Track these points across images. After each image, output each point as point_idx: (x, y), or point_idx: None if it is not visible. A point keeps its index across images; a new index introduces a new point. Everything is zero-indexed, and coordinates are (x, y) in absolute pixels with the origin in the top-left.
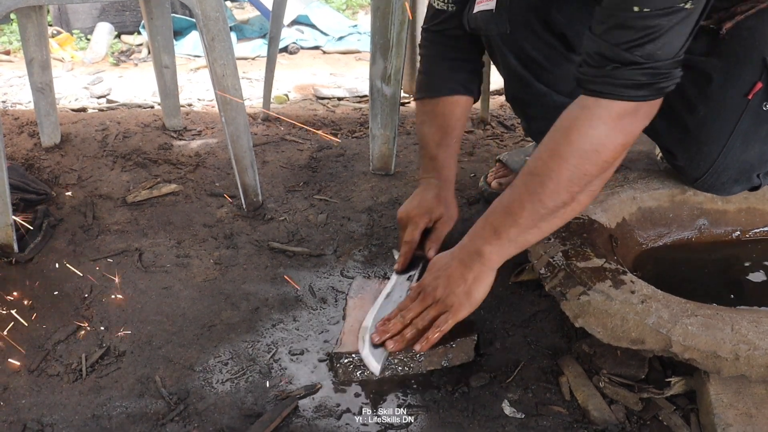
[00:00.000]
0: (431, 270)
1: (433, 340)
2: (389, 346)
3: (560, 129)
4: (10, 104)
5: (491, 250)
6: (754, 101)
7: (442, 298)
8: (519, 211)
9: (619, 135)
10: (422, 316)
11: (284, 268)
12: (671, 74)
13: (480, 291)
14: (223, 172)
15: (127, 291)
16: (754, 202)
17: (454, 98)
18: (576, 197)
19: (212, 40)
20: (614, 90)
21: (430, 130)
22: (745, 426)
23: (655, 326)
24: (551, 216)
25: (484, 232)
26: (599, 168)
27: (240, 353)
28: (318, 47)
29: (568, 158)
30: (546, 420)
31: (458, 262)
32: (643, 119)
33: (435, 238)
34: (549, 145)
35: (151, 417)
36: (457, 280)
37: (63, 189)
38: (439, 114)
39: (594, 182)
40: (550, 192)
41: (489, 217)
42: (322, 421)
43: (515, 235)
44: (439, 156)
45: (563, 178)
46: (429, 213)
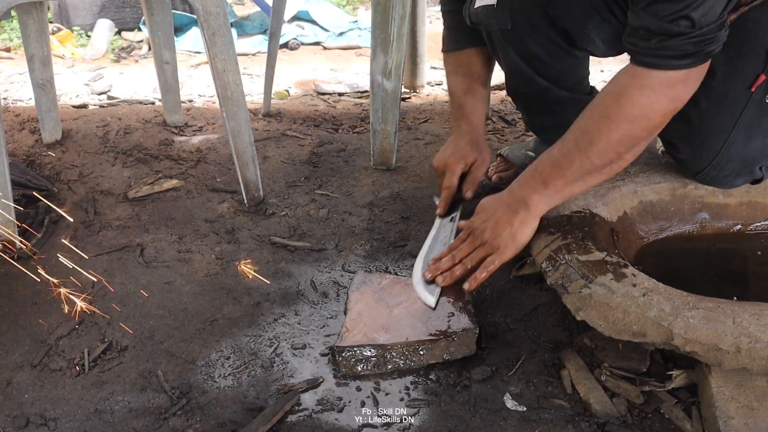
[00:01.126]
0: (480, 213)
1: (481, 279)
2: (440, 281)
3: (611, 93)
4: (11, 101)
5: (538, 198)
6: (757, 94)
7: (490, 240)
8: (567, 164)
9: (670, 102)
10: (471, 256)
11: (286, 263)
12: (717, 37)
13: (525, 235)
14: (224, 168)
15: (129, 286)
16: (755, 196)
17: (476, 49)
18: (622, 156)
19: (213, 36)
20: (664, 62)
21: (456, 79)
22: (747, 419)
23: (657, 319)
24: (597, 171)
25: (532, 181)
26: (648, 132)
27: (242, 347)
28: (318, 43)
29: (619, 122)
30: (548, 413)
31: (506, 206)
32: (693, 84)
33: (471, 180)
34: (600, 107)
35: (153, 411)
36: (504, 223)
37: (64, 185)
38: (464, 63)
39: (641, 144)
40: (599, 150)
41: (538, 168)
42: (324, 414)
43: (562, 186)
44: (467, 102)
45: (612, 140)
46: (464, 158)
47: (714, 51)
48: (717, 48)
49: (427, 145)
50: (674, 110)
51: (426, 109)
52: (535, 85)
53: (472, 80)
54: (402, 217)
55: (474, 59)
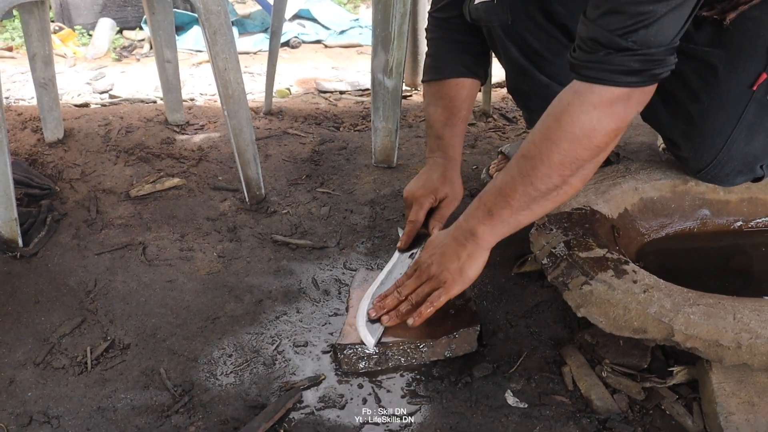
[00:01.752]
0: (428, 248)
1: (426, 315)
2: (385, 320)
3: (552, 114)
4: (13, 100)
5: (484, 230)
6: (759, 92)
7: (437, 275)
8: (511, 193)
9: (612, 121)
10: (417, 291)
11: (287, 261)
12: (665, 61)
13: (473, 269)
14: (225, 166)
15: (131, 284)
16: (756, 192)
17: (459, 80)
18: (567, 180)
19: (214, 35)
20: (607, 76)
21: (436, 111)
22: (748, 414)
23: (657, 315)
24: (543, 198)
25: (478, 212)
26: (591, 153)
27: (244, 345)
28: (320, 41)
29: (560, 143)
30: (549, 410)
31: (453, 240)
32: (635, 105)
33: (439, 217)
34: (541, 130)
35: (156, 409)
36: (451, 257)
37: (66, 184)
38: (445, 96)
39: (586, 166)
40: (542, 175)
41: (483, 198)
42: (326, 412)
43: (507, 216)
44: (445, 135)
45: (554, 162)
46: (434, 192)
47: (661, 75)
48: (664, 73)
49: None
50: (617, 130)
51: None
52: (536, 81)
53: (452, 114)
54: (403, 215)
55: (456, 92)
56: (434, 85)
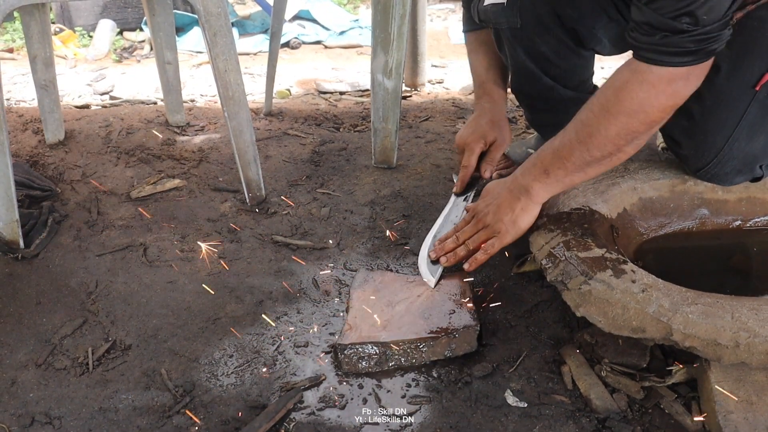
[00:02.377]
0: (485, 196)
1: (481, 261)
2: (443, 261)
3: (611, 87)
4: (14, 102)
5: (539, 186)
6: (762, 93)
7: (492, 224)
8: (568, 155)
9: (670, 98)
10: (473, 238)
11: (288, 262)
12: (720, 36)
13: (525, 221)
14: (226, 167)
15: (133, 285)
16: (754, 192)
17: None
18: (622, 149)
19: (214, 36)
20: (666, 58)
21: (477, 57)
22: (746, 413)
23: (656, 315)
24: (597, 163)
25: (534, 169)
26: (646, 126)
27: (245, 346)
28: (320, 42)
29: (617, 116)
30: (548, 409)
31: (508, 192)
32: (695, 82)
33: (490, 160)
34: (600, 101)
35: (157, 409)
36: (505, 209)
37: (67, 185)
38: (485, 42)
39: (640, 137)
40: (598, 143)
41: (540, 156)
42: (327, 412)
43: (562, 176)
44: (489, 79)
45: (611, 133)
46: (484, 137)
47: (717, 49)
48: (720, 47)
49: (428, 144)
50: (674, 106)
51: (427, 108)
52: (541, 83)
53: (492, 58)
54: (403, 215)
55: None
56: (473, 33)
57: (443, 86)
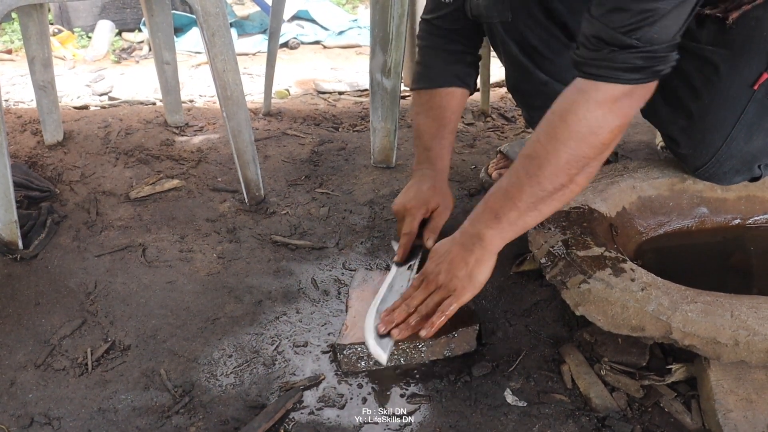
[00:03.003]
0: (433, 257)
1: (439, 325)
2: (395, 334)
3: (557, 112)
4: (12, 103)
5: (492, 233)
6: (760, 92)
7: (445, 283)
8: (518, 194)
9: (616, 118)
10: (426, 302)
11: (287, 262)
12: (667, 57)
13: (482, 274)
14: (225, 167)
15: (132, 286)
16: (753, 190)
17: (450, 90)
18: (574, 179)
19: (212, 36)
20: (611, 73)
21: (425, 122)
22: (746, 411)
23: (655, 313)
24: (550, 198)
25: (484, 215)
26: (596, 150)
27: (244, 346)
28: (318, 42)
29: (566, 141)
30: (548, 408)
31: (459, 246)
32: (638, 101)
33: (433, 227)
34: (546, 129)
35: (156, 410)
36: (458, 263)
37: (66, 186)
38: (436, 106)
39: (591, 164)
40: (549, 174)
41: (489, 201)
42: (326, 411)
43: (515, 218)
44: (434, 148)
45: (561, 161)
46: (426, 204)
47: (662, 72)
48: (666, 69)
49: None
50: (621, 128)
51: None
52: (535, 79)
53: (441, 125)
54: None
55: (447, 102)
56: (425, 93)
57: None
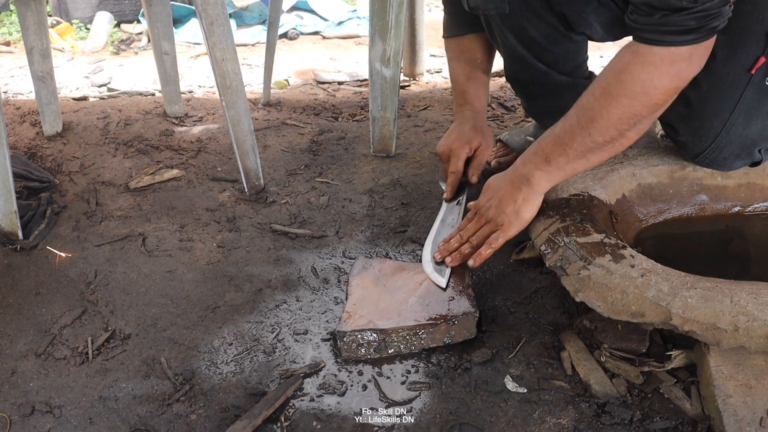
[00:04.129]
0: (485, 192)
1: (486, 255)
2: (448, 261)
3: (613, 70)
4: (11, 94)
5: (540, 175)
6: (757, 76)
7: (494, 218)
8: (569, 142)
9: (672, 80)
10: (477, 234)
11: (287, 250)
12: (721, 12)
13: (528, 211)
14: (224, 157)
15: (132, 275)
16: (753, 177)
17: (477, 35)
18: (624, 134)
19: (211, 25)
20: (666, 37)
21: (458, 65)
22: (745, 397)
23: (655, 299)
24: (599, 149)
25: (535, 158)
26: (649, 109)
27: (244, 334)
28: (318, 32)
29: (619, 99)
30: (548, 394)
31: (509, 184)
32: (697, 62)
33: (477, 164)
34: (601, 84)
35: (157, 398)
36: (507, 200)
37: (66, 177)
38: (466, 50)
39: (643, 121)
40: (599, 128)
41: (541, 144)
42: (326, 398)
43: (564, 163)
44: (470, 88)
45: (613, 117)
46: (469, 143)
47: (718, 27)
48: (721, 24)
49: (427, 132)
50: (677, 88)
51: (425, 97)
52: (534, 69)
53: (474, 66)
54: (402, 203)
55: (475, 45)
56: (454, 40)
57: (442, 76)
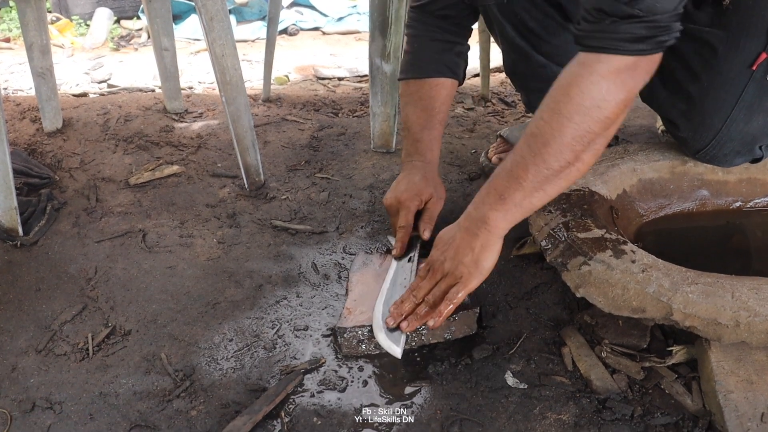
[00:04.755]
0: (437, 245)
1: (447, 313)
2: (404, 326)
3: (560, 87)
4: (11, 91)
5: (497, 216)
6: (758, 72)
7: (451, 271)
8: (523, 174)
9: (621, 91)
10: (433, 291)
11: (287, 246)
12: (671, 27)
13: (489, 259)
14: (224, 153)
15: (132, 271)
16: (754, 173)
17: (439, 80)
18: (580, 156)
19: (211, 20)
20: (613, 44)
21: (414, 112)
22: (746, 392)
23: (656, 294)
24: (556, 177)
25: (488, 198)
26: (602, 125)
27: (244, 330)
28: (318, 28)
29: (570, 116)
30: (549, 390)
31: (464, 231)
32: (643, 75)
33: (428, 218)
34: (549, 105)
35: (157, 394)
36: (464, 249)
37: (66, 173)
38: (425, 96)
39: (597, 140)
40: (554, 152)
41: (493, 182)
42: (327, 394)
43: (520, 199)
44: (424, 139)
45: (566, 137)
46: (419, 195)
47: (666, 43)
48: (670, 40)
49: None
50: (626, 102)
51: None
52: (533, 61)
53: (431, 116)
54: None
55: (436, 93)
56: (414, 83)
57: None
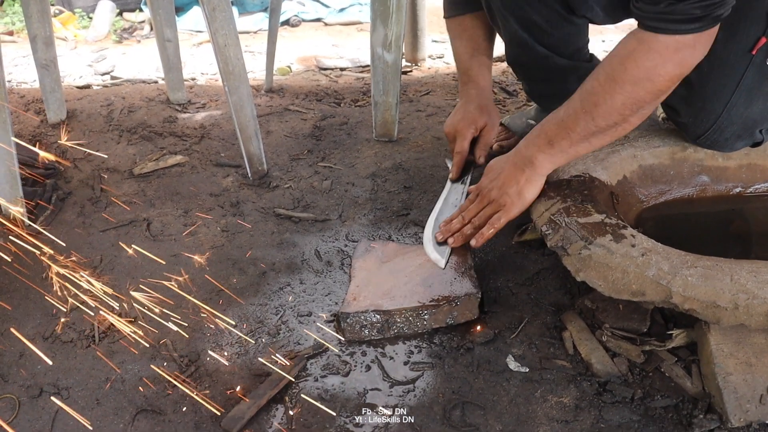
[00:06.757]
0: (488, 173)
1: (488, 236)
2: (451, 242)
3: (617, 56)
4: (15, 83)
5: (543, 157)
6: (758, 57)
7: (497, 198)
8: (573, 125)
9: (676, 67)
10: (479, 215)
11: (290, 234)
12: (725, 1)
13: (531, 192)
14: (228, 143)
15: (137, 259)
16: (755, 158)
17: (478, 14)
18: (627, 119)
19: (213, 11)
20: (671, 26)
21: (461, 44)
22: (745, 375)
23: (656, 278)
24: (602, 133)
25: (538, 140)
26: (652, 95)
27: (248, 316)
28: (319, 19)
29: (623, 85)
30: (550, 373)
31: (512, 165)
32: (701, 49)
33: (482, 144)
34: (606, 70)
35: (163, 379)
36: (510, 182)
37: (70, 163)
38: (468, 28)
39: (646, 107)
40: (603, 113)
41: (544, 127)
42: (330, 379)
43: (567, 146)
44: (474, 65)
45: (617, 102)
46: (474, 123)
47: (722, 15)
48: (725, 12)
49: (429, 117)
50: (680, 75)
51: (427, 82)
52: (535, 53)
53: (476, 44)
54: (404, 187)
55: (476, 24)
56: (455, 20)
57: (444, 61)
